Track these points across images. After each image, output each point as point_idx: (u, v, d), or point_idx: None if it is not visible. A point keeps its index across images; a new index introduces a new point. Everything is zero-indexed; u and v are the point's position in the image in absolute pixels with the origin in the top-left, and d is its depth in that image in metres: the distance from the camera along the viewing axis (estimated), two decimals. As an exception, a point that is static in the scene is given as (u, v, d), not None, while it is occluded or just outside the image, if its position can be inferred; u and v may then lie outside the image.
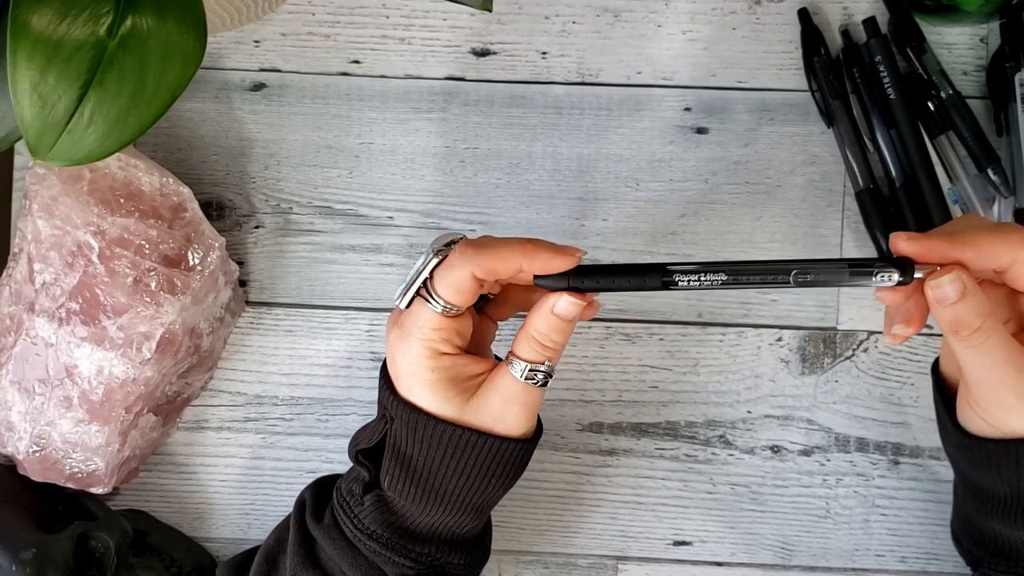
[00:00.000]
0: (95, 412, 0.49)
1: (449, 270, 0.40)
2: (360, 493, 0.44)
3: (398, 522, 0.43)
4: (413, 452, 0.42)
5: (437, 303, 0.40)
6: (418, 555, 0.43)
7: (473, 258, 0.39)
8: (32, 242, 0.49)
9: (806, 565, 0.55)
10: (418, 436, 0.41)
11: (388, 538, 0.43)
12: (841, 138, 0.54)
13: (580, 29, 0.56)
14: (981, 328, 0.38)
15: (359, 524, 0.43)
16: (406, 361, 0.41)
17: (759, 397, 0.55)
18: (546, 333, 0.40)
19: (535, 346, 0.41)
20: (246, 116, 0.56)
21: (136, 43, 0.35)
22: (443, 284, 0.40)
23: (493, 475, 0.42)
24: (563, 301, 0.40)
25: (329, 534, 0.44)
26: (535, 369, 0.41)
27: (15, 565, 0.46)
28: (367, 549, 0.43)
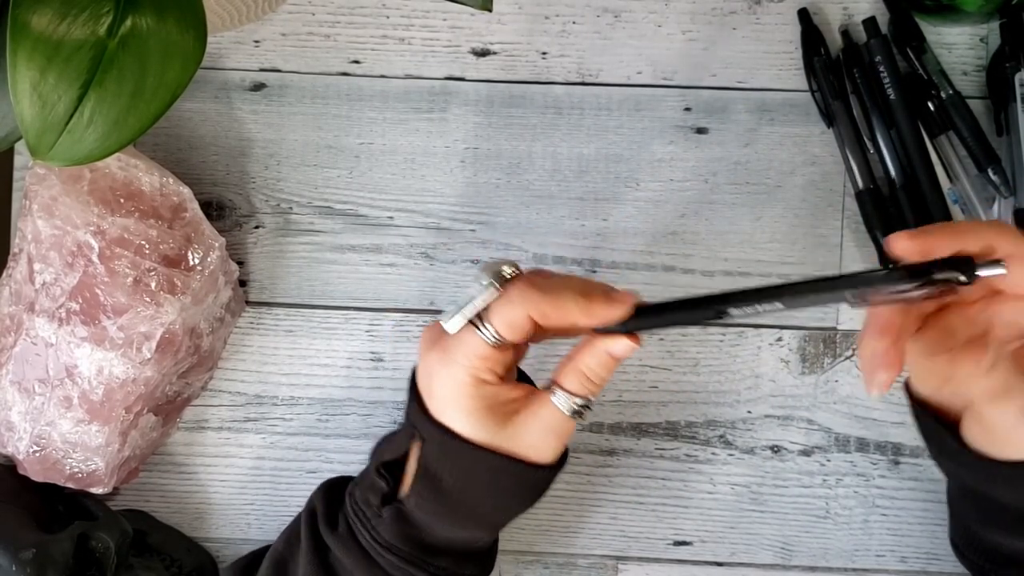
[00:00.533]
0: (95, 412, 0.49)
1: (507, 306, 0.39)
2: (377, 504, 0.44)
3: (416, 535, 0.44)
4: (443, 473, 0.42)
5: (488, 335, 0.40)
6: (435, 568, 0.43)
7: (533, 301, 0.39)
8: (32, 242, 0.49)
9: (806, 565, 0.55)
10: (451, 458, 0.41)
11: (407, 551, 0.43)
12: (841, 138, 0.54)
13: (580, 29, 0.56)
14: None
15: (377, 536, 0.43)
16: (446, 386, 0.41)
17: (759, 397, 0.55)
18: (596, 370, 0.41)
19: (583, 380, 0.41)
20: (246, 116, 0.56)
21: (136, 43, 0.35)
22: (499, 319, 0.39)
23: (519, 497, 0.43)
24: (621, 344, 0.40)
25: (345, 544, 0.44)
26: (579, 402, 0.41)
27: (15, 565, 0.46)
28: (385, 562, 0.43)
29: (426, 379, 0.42)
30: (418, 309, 0.56)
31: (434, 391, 0.41)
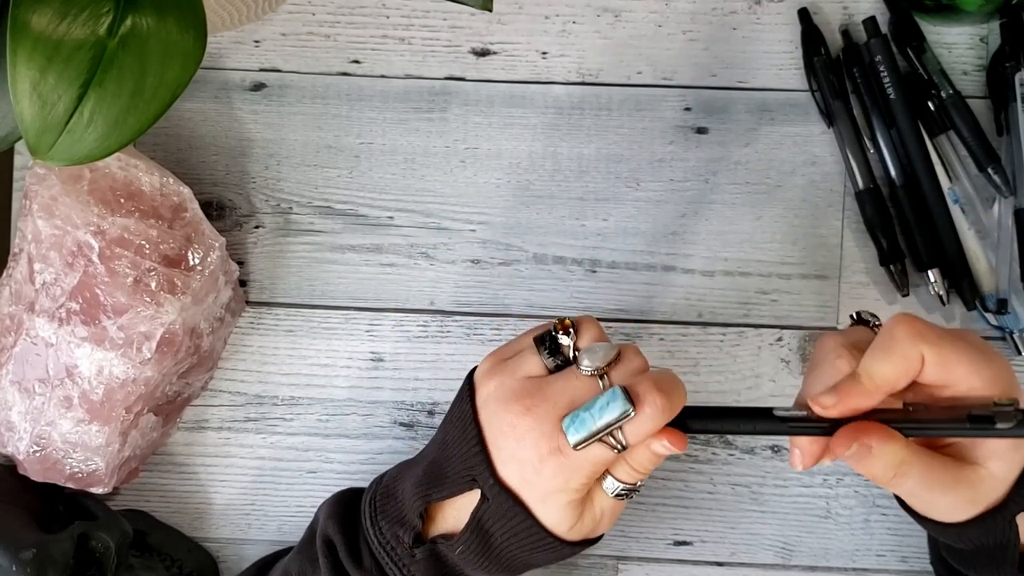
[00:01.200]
0: (95, 412, 0.49)
1: (649, 426, 0.39)
2: (410, 543, 0.43)
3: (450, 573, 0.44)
4: (497, 532, 0.42)
5: (619, 446, 0.39)
6: None
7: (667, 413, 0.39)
8: (32, 242, 0.49)
9: (806, 565, 0.55)
10: (509, 526, 0.41)
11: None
12: (841, 138, 0.54)
13: (580, 29, 0.56)
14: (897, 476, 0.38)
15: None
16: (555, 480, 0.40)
17: (759, 397, 0.55)
18: (645, 464, 0.41)
19: (631, 472, 0.41)
20: (246, 116, 0.56)
21: (136, 43, 0.35)
22: (637, 436, 0.39)
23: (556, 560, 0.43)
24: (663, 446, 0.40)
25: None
26: (627, 489, 0.42)
27: (15, 565, 0.46)
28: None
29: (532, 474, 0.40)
30: (418, 309, 0.56)
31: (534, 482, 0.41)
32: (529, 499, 0.41)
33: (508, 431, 0.41)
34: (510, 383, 0.41)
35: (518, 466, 0.41)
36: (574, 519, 0.41)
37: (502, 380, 0.42)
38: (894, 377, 0.37)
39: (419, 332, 0.56)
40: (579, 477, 0.40)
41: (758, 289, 0.55)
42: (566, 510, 0.41)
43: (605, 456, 0.40)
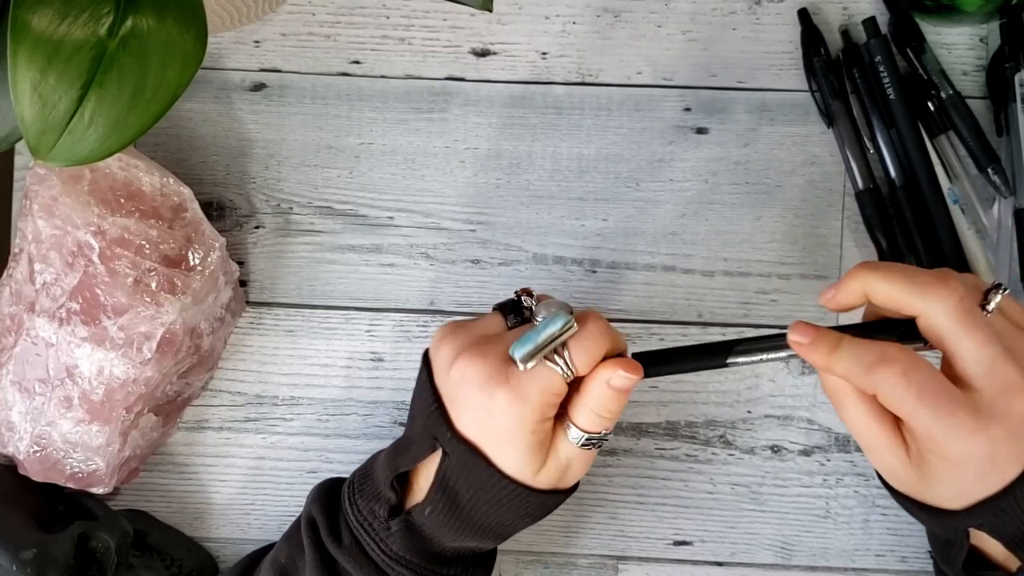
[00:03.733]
0: (95, 412, 0.49)
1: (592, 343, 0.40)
2: (385, 517, 0.43)
3: (426, 547, 0.44)
4: (462, 489, 0.42)
5: (568, 370, 0.40)
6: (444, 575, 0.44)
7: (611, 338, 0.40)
8: (32, 242, 0.49)
9: (806, 565, 0.55)
10: (473, 478, 0.42)
11: (417, 563, 0.43)
12: (841, 138, 0.54)
13: (580, 29, 0.56)
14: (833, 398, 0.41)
15: (387, 550, 0.43)
16: (509, 422, 0.40)
17: (759, 397, 0.55)
18: (605, 404, 0.41)
19: (592, 417, 0.41)
20: (246, 116, 0.56)
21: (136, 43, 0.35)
22: (581, 354, 0.40)
23: (529, 516, 0.43)
24: (617, 376, 0.40)
25: (354, 558, 0.44)
26: (593, 437, 0.41)
27: (15, 565, 0.46)
28: (396, 575, 0.44)
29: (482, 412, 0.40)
30: (418, 309, 0.56)
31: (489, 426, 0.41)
32: (486, 445, 0.41)
33: (459, 379, 0.41)
34: (464, 338, 0.42)
35: (471, 413, 0.41)
36: (536, 464, 0.41)
37: (456, 336, 0.42)
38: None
39: (419, 332, 0.56)
40: (531, 411, 0.40)
41: (758, 289, 0.55)
42: (526, 454, 0.41)
43: (553, 382, 0.40)
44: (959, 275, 0.40)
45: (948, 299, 0.38)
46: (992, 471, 0.38)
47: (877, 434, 0.40)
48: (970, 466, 0.38)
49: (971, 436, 0.37)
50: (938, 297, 0.38)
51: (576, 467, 0.43)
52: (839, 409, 0.41)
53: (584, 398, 0.41)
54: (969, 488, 0.39)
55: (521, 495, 0.42)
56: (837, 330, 0.40)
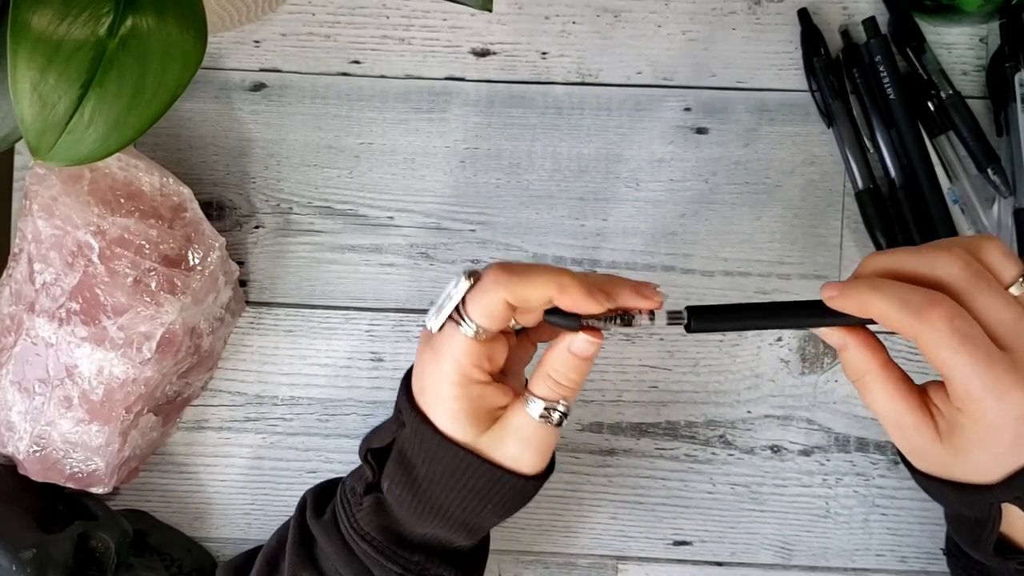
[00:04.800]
0: (95, 412, 0.49)
1: (481, 294, 0.39)
2: (361, 493, 0.44)
3: (392, 527, 0.43)
4: (417, 461, 0.42)
5: (469, 327, 0.40)
6: (407, 562, 0.43)
7: (506, 283, 0.39)
8: (32, 242, 0.49)
9: (806, 565, 0.55)
10: (424, 448, 0.41)
11: (380, 542, 0.43)
12: (841, 138, 0.54)
13: (580, 29, 0.56)
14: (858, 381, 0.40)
15: (355, 524, 0.43)
16: (434, 383, 0.41)
17: (759, 397, 0.55)
18: (563, 372, 0.40)
19: (551, 384, 0.40)
20: (246, 116, 0.56)
21: (136, 43, 0.35)
22: (475, 308, 0.39)
23: (491, 502, 0.42)
24: (579, 340, 0.40)
25: (327, 531, 0.44)
26: (551, 408, 0.40)
27: (15, 565, 0.46)
28: (359, 551, 0.43)
29: (419, 374, 0.42)
30: (418, 309, 0.56)
31: (424, 387, 0.41)
32: (429, 410, 0.41)
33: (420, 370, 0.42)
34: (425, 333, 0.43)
35: (419, 382, 0.42)
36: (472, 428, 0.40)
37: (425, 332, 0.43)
38: None
39: (419, 332, 0.56)
40: (449, 370, 0.40)
41: (758, 289, 0.55)
42: (460, 415, 0.40)
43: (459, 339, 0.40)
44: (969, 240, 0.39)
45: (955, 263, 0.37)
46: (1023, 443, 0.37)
47: (904, 413, 0.39)
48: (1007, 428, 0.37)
49: (1008, 392, 0.36)
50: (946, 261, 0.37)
51: (536, 445, 0.41)
52: (863, 391, 0.40)
53: (543, 364, 0.40)
54: (1004, 456, 0.38)
55: (472, 466, 0.41)
56: None
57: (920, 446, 0.40)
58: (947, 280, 0.37)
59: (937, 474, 0.40)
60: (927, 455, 0.40)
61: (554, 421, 0.40)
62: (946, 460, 0.39)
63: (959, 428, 0.38)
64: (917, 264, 0.38)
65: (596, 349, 0.40)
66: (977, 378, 0.36)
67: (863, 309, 0.38)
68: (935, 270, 0.38)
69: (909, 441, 0.40)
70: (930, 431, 0.39)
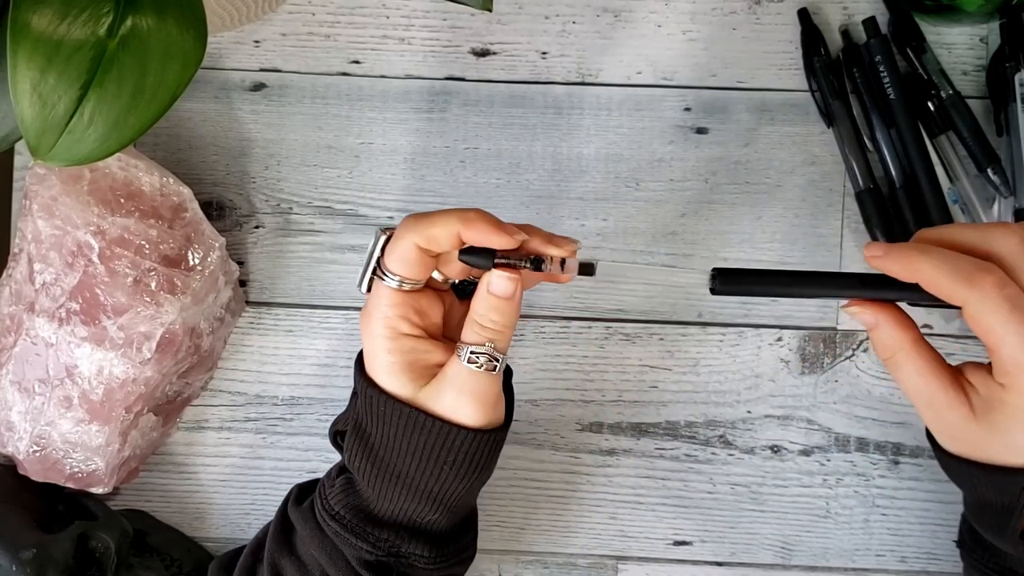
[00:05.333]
0: (95, 412, 0.49)
1: (395, 243, 0.40)
2: (334, 475, 0.44)
3: (361, 505, 0.43)
4: (371, 428, 0.42)
5: (391, 278, 0.40)
6: (376, 539, 0.43)
7: (414, 227, 0.39)
8: (32, 242, 0.49)
9: (806, 565, 0.55)
10: (375, 411, 0.41)
11: (349, 520, 0.43)
12: (841, 138, 0.54)
13: (580, 29, 0.56)
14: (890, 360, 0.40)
15: (326, 504, 0.44)
16: (369, 343, 0.41)
17: (759, 397, 0.55)
18: (485, 314, 0.40)
19: (476, 329, 0.40)
20: (246, 116, 0.56)
21: (136, 43, 0.35)
22: (391, 257, 0.40)
23: (447, 463, 0.41)
24: (495, 277, 0.39)
25: (304, 516, 0.45)
26: (477, 352, 0.40)
27: (15, 565, 0.46)
28: (330, 530, 0.43)
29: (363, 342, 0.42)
30: (418, 309, 0.56)
31: (365, 352, 0.42)
32: (372, 372, 0.41)
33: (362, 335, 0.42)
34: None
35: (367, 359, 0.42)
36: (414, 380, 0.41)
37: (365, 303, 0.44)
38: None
39: (419, 332, 0.56)
40: (376, 321, 0.40)
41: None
42: (394, 368, 0.41)
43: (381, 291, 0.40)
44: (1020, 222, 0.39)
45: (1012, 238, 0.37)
46: None
47: (937, 391, 0.39)
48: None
49: None
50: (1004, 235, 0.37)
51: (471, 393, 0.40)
52: (895, 369, 0.40)
53: (470, 312, 0.41)
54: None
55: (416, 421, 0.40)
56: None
57: (953, 424, 0.39)
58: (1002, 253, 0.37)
59: (968, 455, 0.40)
60: (960, 434, 0.39)
61: (482, 365, 0.40)
62: (980, 439, 0.39)
63: (999, 404, 0.38)
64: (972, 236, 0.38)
65: (514, 287, 0.40)
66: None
67: (910, 271, 0.37)
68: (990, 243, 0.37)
69: (942, 420, 0.39)
70: (964, 409, 0.38)
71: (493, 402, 0.41)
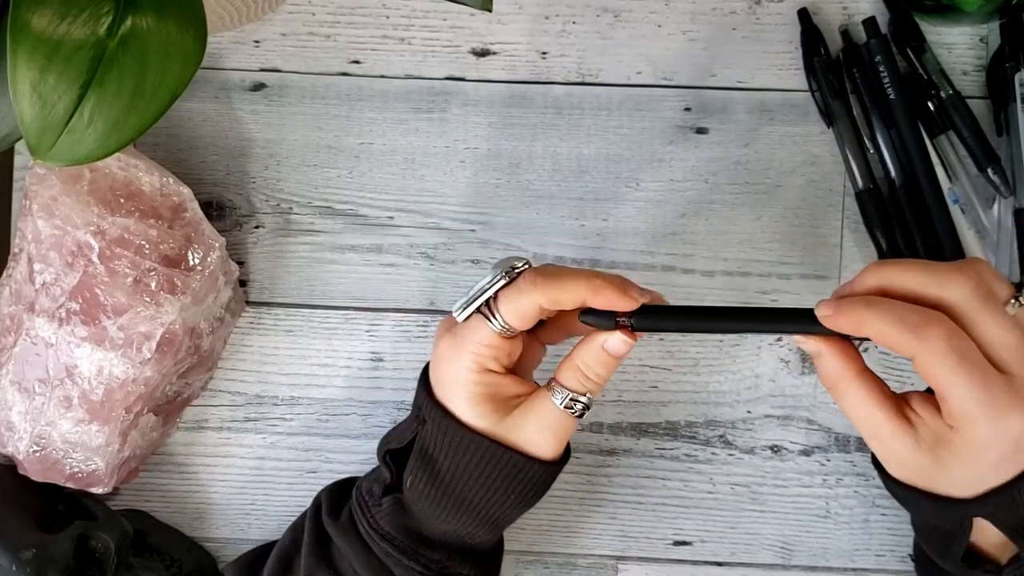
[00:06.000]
0: (95, 412, 0.49)
1: (517, 295, 0.40)
2: (379, 494, 0.44)
3: (412, 526, 0.44)
4: (440, 456, 0.42)
5: (496, 323, 0.40)
6: (428, 560, 0.44)
7: (543, 288, 0.40)
8: (32, 242, 0.49)
9: (806, 565, 0.55)
10: (447, 440, 0.42)
11: (401, 541, 0.43)
12: (841, 138, 0.54)
13: (580, 29, 0.56)
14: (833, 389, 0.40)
15: (374, 524, 0.44)
16: (453, 371, 0.42)
17: (759, 397, 0.55)
18: (592, 367, 0.41)
19: (580, 377, 0.41)
20: (246, 116, 0.56)
21: (136, 43, 0.35)
22: (508, 307, 0.40)
23: (514, 492, 0.43)
24: (615, 339, 0.40)
25: (345, 532, 0.45)
26: (576, 399, 0.41)
27: (15, 565, 0.46)
28: (379, 550, 0.44)
29: (436, 365, 0.43)
30: (418, 309, 0.56)
31: (442, 377, 0.42)
32: (447, 401, 0.42)
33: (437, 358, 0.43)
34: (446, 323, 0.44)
35: (436, 373, 0.43)
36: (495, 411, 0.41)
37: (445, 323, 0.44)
38: None
39: (419, 332, 0.56)
40: (466, 357, 0.41)
41: (758, 289, 0.55)
42: (479, 399, 0.41)
43: (482, 331, 0.41)
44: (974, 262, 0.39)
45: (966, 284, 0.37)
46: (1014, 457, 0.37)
47: (881, 421, 0.39)
48: (994, 449, 0.37)
49: (1004, 414, 0.36)
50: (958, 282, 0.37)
51: (556, 432, 0.42)
52: (840, 398, 0.40)
53: (573, 356, 0.41)
54: (984, 475, 0.38)
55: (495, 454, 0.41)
56: None
57: (898, 454, 0.39)
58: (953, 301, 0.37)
59: (913, 483, 0.40)
60: (904, 462, 0.40)
61: (576, 412, 0.42)
62: (924, 469, 0.39)
63: (946, 444, 0.38)
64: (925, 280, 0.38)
65: (628, 349, 0.41)
66: (973, 398, 0.36)
67: (859, 328, 0.38)
68: (942, 289, 0.37)
69: (886, 448, 0.40)
70: (909, 439, 0.39)
71: (568, 439, 0.43)
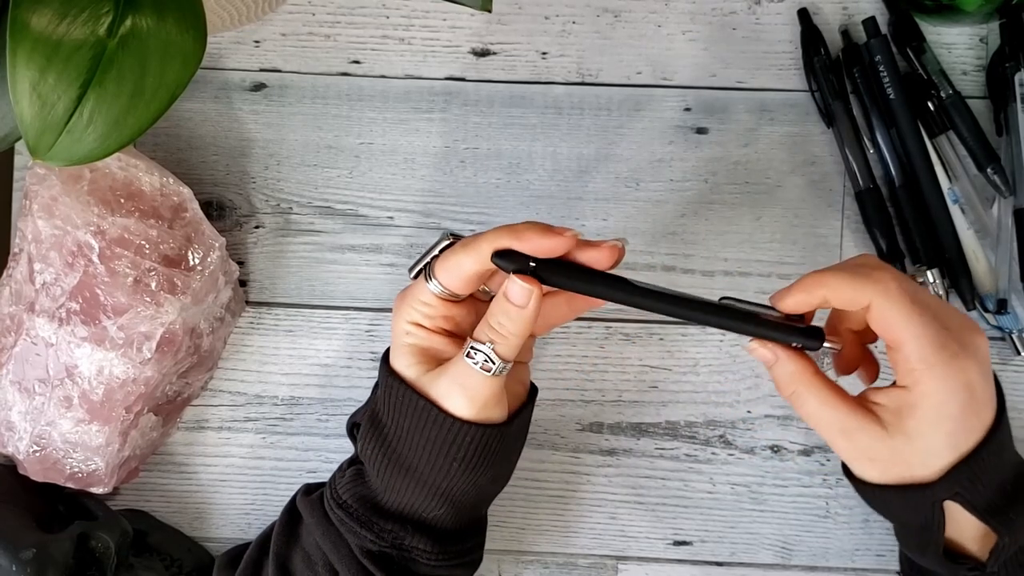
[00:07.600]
0: (95, 412, 0.49)
1: (451, 254, 0.41)
2: (345, 466, 0.45)
3: (369, 495, 0.44)
4: (387, 419, 0.43)
5: (433, 284, 0.41)
6: (380, 530, 0.43)
7: (466, 243, 0.40)
8: (32, 242, 0.49)
9: (806, 565, 0.55)
10: (390, 399, 0.42)
11: (355, 509, 0.43)
12: (841, 138, 0.54)
13: (580, 29, 0.56)
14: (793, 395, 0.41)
15: (334, 493, 0.44)
16: (394, 325, 0.43)
17: (759, 397, 0.55)
18: (496, 315, 0.40)
19: (484, 327, 0.40)
20: (246, 116, 0.56)
21: (136, 43, 0.35)
22: (442, 266, 0.41)
23: (453, 457, 0.41)
24: (512, 284, 0.39)
25: (312, 506, 0.45)
26: (476, 348, 0.40)
27: (15, 565, 0.46)
28: (335, 517, 0.44)
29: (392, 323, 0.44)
30: (418, 309, 0.56)
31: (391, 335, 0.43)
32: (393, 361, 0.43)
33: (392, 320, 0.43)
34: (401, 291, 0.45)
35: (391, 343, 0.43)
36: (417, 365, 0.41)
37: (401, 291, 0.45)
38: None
39: (419, 332, 0.56)
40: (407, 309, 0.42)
41: (758, 289, 0.55)
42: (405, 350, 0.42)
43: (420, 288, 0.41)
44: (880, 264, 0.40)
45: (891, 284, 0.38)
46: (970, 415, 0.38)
47: (846, 415, 0.39)
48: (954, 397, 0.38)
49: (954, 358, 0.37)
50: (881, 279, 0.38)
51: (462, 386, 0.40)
52: (801, 404, 0.40)
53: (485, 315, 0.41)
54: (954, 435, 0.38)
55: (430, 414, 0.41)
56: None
57: (868, 446, 0.39)
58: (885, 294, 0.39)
59: (885, 480, 0.40)
60: (877, 455, 0.40)
61: (477, 363, 0.40)
62: (898, 454, 0.39)
63: (908, 410, 0.38)
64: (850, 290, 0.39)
65: (527, 295, 0.39)
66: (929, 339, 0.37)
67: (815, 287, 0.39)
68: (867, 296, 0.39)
69: (856, 444, 0.40)
70: (876, 427, 0.39)
71: (484, 402, 0.41)
